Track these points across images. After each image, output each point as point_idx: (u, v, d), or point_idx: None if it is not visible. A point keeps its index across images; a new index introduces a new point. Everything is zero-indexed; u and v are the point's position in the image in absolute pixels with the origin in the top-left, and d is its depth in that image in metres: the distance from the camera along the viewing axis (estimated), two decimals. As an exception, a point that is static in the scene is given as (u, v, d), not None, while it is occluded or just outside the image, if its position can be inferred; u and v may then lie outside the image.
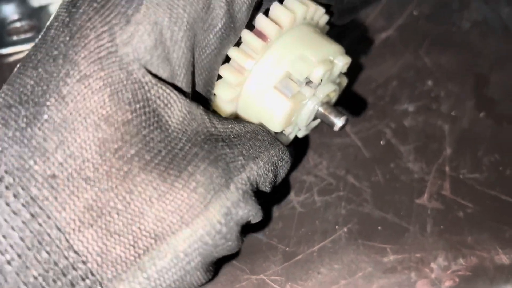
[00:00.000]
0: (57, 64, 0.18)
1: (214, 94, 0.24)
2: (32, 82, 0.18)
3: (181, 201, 0.19)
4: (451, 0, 0.40)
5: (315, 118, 0.26)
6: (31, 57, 0.19)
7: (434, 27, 0.38)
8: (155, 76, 0.19)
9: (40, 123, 0.18)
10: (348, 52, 0.27)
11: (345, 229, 0.27)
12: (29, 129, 0.18)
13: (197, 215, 0.19)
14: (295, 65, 0.23)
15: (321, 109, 0.24)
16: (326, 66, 0.23)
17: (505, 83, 0.34)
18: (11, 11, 0.36)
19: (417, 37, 0.37)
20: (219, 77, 0.24)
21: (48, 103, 0.18)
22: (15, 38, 0.36)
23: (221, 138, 0.21)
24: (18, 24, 0.36)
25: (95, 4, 0.19)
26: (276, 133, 0.25)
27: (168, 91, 0.19)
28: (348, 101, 0.33)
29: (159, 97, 0.19)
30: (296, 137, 0.28)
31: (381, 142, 0.31)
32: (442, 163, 0.30)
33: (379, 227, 0.28)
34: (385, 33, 0.38)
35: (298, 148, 0.31)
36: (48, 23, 0.20)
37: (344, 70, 0.26)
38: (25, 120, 0.18)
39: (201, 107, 0.21)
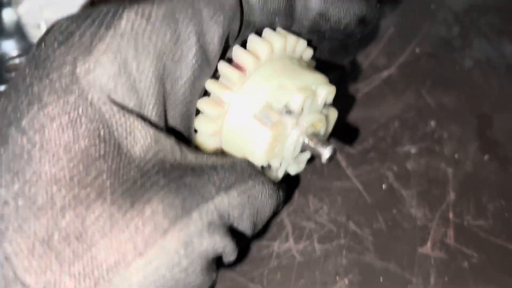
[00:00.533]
0: (21, 96, 0.19)
1: (195, 130, 0.23)
2: None
3: (135, 230, 0.18)
4: (453, 38, 0.40)
5: (303, 150, 0.25)
6: (5, 91, 0.20)
7: (436, 66, 0.37)
8: (119, 105, 0.19)
9: (4, 153, 0.18)
10: (348, 90, 0.26)
11: (346, 281, 0.27)
12: None
13: (152, 244, 0.18)
14: (274, 93, 0.23)
15: (306, 140, 0.24)
16: (305, 93, 0.23)
17: (509, 124, 0.34)
18: (10, 47, 0.35)
19: (419, 76, 0.37)
20: (199, 112, 0.23)
21: (9, 133, 0.18)
22: (14, 75, 0.35)
23: (191, 168, 0.20)
24: (17, 61, 0.36)
25: (60, 37, 0.19)
26: (263, 168, 0.24)
27: (131, 119, 0.19)
28: (349, 142, 0.33)
29: (120, 125, 0.19)
30: (294, 178, 0.27)
31: (383, 186, 0.31)
32: (445, 209, 0.29)
33: (381, 279, 0.27)
34: (386, 71, 0.37)
35: (298, 191, 0.30)
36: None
37: (329, 100, 0.25)
38: None
39: (173, 138, 0.20)
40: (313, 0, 0.24)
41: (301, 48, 0.25)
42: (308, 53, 0.26)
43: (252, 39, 0.23)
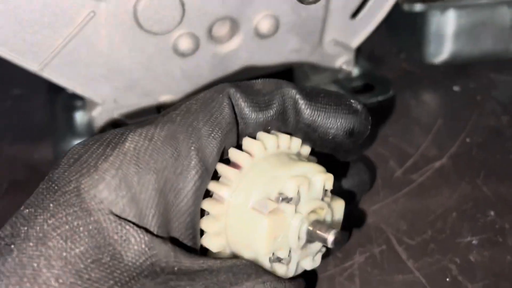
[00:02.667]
0: (32, 209, 0.21)
1: (202, 232, 0.24)
2: (9, 228, 0.20)
3: None
4: (503, 127, 0.40)
5: (310, 241, 0.25)
6: (20, 209, 0.22)
7: (489, 155, 0.38)
8: (118, 215, 0.21)
9: (6, 262, 0.19)
10: (401, 181, 0.26)
11: None
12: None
13: None
14: (268, 184, 0.24)
15: (309, 228, 0.24)
16: (298, 180, 0.24)
17: None
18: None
19: (473, 166, 0.37)
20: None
21: (13, 245, 0.20)
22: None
23: (184, 272, 0.21)
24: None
25: (71, 160, 0.22)
26: (272, 265, 0.24)
27: (127, 227, 0.20)
28: (407, 234, 0.32)
29: (116, 233, 0.20)
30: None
31: (447, 279, 0.30)
32: (516, 304, 0.28)
33: None
34: (438, 162, 0.37)
35: (359, 286, 0.29)
36: None
37: (328, 187, 0.26)
38: None
39: (169, 244, 0.21)
40: (302, 112, 0.26)
41: (296, 145, 0.27)
42: (306, 149, 0.27)
43: (246, 139, 0.25)
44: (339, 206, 0.27)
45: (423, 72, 0.46)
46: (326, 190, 0.26)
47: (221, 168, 0.24)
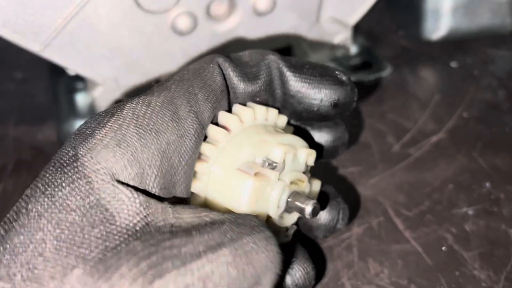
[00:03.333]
0: (33, 187, 0.21)
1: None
2: (15, 208, 0.21)
3: None
4: (500, 101, 0.41)
5: (287, 210, 0.25)
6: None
7: (485, 129, 0.38)
8: (113, 176, 0.20)
9: (10, 240, 0.20)
10: (399, 154, 0.27)
11: None
12: (4, 243, 0.20)
13: None
14: (256, 147, 0.24)
15: (289, 198, 0.25)
16: (286, 148, 0.24)
17: None
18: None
19: (469, 140, 0.37)
20: None
21: (16, 222, 0.20)
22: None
23: (184, 229, 0.20)
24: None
25: (73, 135, 0.22)
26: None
27: (120, 187, 0.20)
28: (404, 205, 0.33)
29: (109, 194, 0.20)
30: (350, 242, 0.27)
31: (443, 248, 0.30)
32: (510, 270, 0.29)
33: None
34: (435, 136, 0.38)
35: (357, 255, 0.30)
36: None
37: (310, 162, 0.26)
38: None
39: (167, 202, 0.21)
40: (287, 83, 0.26)
41: (283, 120, 0.27)
42: (290, 128, 0.28)
43: (237, 106, 0.26)
44: (316, 184, 0.28)
45: (421, 49, 0.46)
46: (307, 166, 0.27)
47: (211, 129, 0.25)
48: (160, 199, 0.21)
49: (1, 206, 0.35)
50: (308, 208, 0.24)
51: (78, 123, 0.39)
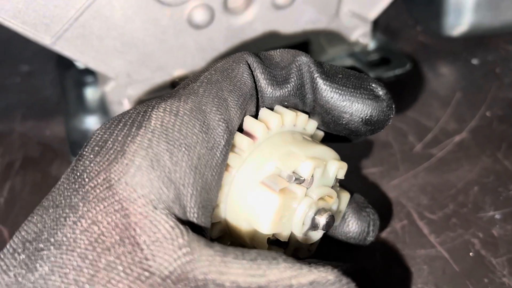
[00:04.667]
0: (59, 210, 0.19)
1: None
2: (36, 229, 0.19)
3: None
4: (523, 101, 0.39)
5: (313, 229, 0.23)
6: (42, 204, 0.20)
7: (510, 129, 0.37)
8: (152, 204, 0.18)
9: (40, 267, 0.18)
10: (421, 155, 0.25)
11: None
12: (29, 275, 0.18)
13: None
14: (283, 160, 0.22)
15: (316, 216, 0.23)
16: (315, 162, 0.22)
17: None
18: (94, 123, 0.38)
19: (493, 140, 0.36)
20: None
21: (46, 249, 0.18)
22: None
23: None
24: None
25: (96, 148, 0.20)
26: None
27: (157, 224, 0.18)
28: (428, 208, 0.32)
29: (145, 231, 0.18)
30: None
31: (470, 254, 0.29)
32: (541, 278, 0.28)
33: None
34: (458, 136, 0.37)
35: (381, 260, 0.29)
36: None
37: (340, 176, 0.24)
38: (24, 266, 0.18)
39: (217, 248, 0.18)
40: (317, 90, 0.24)
41: (312, 127, 0.25)
42: (320, 133, 0.26)
43: (264, 110, 0.24)
44: (345, 198, 0.26)
45: (440, 45, 0.45)
46: (337, 179, 0.25)
47: (236, 136, 0.23)
48: (205, 242, 0.18)
49: (8, 205, 0.33)
50: (322, 221, 0.23)
51: (88, 119, 0.38)
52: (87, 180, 0.19)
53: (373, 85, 0.24)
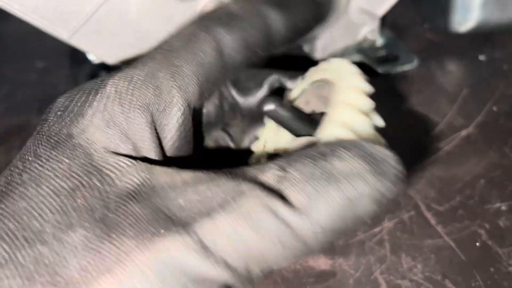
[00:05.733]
0: (28, 158, 0.21)
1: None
2: (3, 178, 0.21)
3: (106, 249, 0.18)
4: (530, 96, 0.40)
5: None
6: (12, 163, 0.22)
7: (516, 124, 0.37)
8: (112, 152, 0.21)
9: (2, 207, 0.20)
10: (428, 149, 0.26)
11: None
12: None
13: (120, 261, 0.18)
14: None
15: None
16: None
17: None
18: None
19: (500, 135, 0.37)
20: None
21: (9, 189, 0.20)
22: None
23: (187, 188, 0.20)
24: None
25: (58, 113, 0.22)
26: None
27: (121, 157, 0.21)
28: (435, 200, 0.32)
29: (110, 164, 0.20)
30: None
31: (477, 244, 0.30)
32: (547, 268, 0.28)
33: None
34: (465, 130, 0.37)
35: (389, 249, 0.30)
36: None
37: None
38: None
39: (173, 167, 0.21)
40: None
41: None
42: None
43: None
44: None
45: (448, 41, 0.45)
46: None
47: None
48: (161, 162, 0.22)
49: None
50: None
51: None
52: (51, 135, 0.21)
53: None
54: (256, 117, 0.29)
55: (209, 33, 0.25)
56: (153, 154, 0.22)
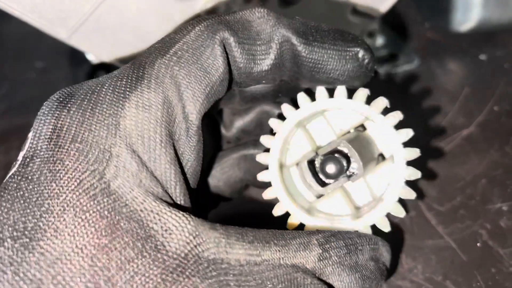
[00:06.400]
0: (45, 200, 0.19)
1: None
2: (21, 218, 0.19)
3: None
4: (532, 95, 0.40)
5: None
6: (15, 189, 0.20)
7: (517, 123, 0.37)
8: (151, 200, 0.20)
9: (35, 257, 0.18)
10: (430, 149, 0.26)
11: None
12: (24, 263, 0.18)
13: None
14: None
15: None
16: None
17: None
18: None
19: (501, 134, 0.36)
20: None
21: (43, 237, 0.18)
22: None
23: (231, 272, 0.19)
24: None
25: (77, 145, 0.20)
26: None
27: (166, 216, 0.19)
28: (436, 200, 0.32)
29: (156, 224, 0.19)
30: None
31: (478, 244, 0.30)
32: (549, 268, 0.28)
33: None
34: (466, 130, 0.37)
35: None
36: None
37: None
38: (20, 254, 0.18)
39: (219, 228, 0.20)
40: (301, 60, 0.23)
41: None
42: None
43: None
44: None
45: (448, 41, 0.45)
46: None
47: None
48: (209, 225, 0.20)
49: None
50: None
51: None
52: (74, 175, 0.20)
53: (355, 48, 0.23)
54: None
55: (217, 39, 0.22)
56: (181, 197, 0.21)
